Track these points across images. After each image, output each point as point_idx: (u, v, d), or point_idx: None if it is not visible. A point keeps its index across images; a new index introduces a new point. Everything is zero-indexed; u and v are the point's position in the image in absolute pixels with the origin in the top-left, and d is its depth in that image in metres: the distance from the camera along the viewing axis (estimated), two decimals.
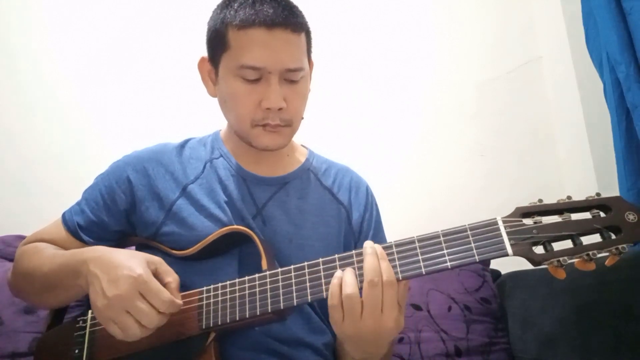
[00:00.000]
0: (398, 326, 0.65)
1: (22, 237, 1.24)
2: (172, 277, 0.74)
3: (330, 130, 1.63)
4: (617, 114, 1.18)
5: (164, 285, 0.72)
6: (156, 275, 0.72)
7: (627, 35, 1.13)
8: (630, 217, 0.62)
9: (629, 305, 0.94)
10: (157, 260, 0.74)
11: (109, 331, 0.69)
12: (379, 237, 0.97)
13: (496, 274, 1.40)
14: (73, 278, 0.75)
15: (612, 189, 1.28)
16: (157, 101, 1.62)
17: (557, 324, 1.09)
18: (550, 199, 0.66)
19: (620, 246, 0.60)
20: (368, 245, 0.67)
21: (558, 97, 1.66)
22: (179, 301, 0.71)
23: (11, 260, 1.06)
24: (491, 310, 1.30)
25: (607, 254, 0.61)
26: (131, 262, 0.70)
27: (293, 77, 0.82)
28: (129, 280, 0.67)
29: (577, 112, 1.55)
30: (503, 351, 1.25)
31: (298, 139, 0.97)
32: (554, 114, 1.68)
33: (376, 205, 1.00)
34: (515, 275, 1.31)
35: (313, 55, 0.91)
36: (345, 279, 0.65)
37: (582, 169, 1.53)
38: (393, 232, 1.00)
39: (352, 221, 0.94)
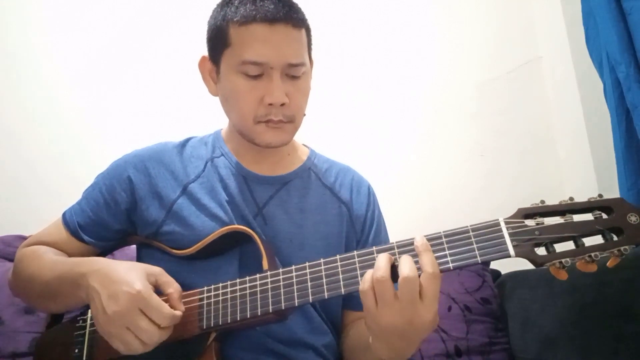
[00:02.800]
0: (435, 321, 0.62)
1: (22, 237, 1.24)
2: (173, 288, 0.73)
3: (331, 130, 1.63)
4: (617, 114, 1.18)
5: (166, 296, 0.72)
6: (157, 286, 0.72)
7: (627, 35, 1.13)
8: (632, 218, 0.62)
9: (629, 305, 0.94)
10: (157, 271, 0.74)
11: (112, 345, 0.69)
12: (381, 236, 0.96)
13: (496, 274, 1.40)
14: (73, 289, 0.75)
15: (612, 189, 1.29)
16: (157, 101, 1.62)
17: (557, 324, 1.09)
18: (550, 199, 0.66)
19: (622, 248, 0.60)
20: (419, 242, 0.64)
21: (558, 97, 1.66)
22: (179, 312, 0.71)
23: (11, 260, 1.06)
24: (491, 310, 1.30)
25: (608, 255, 0.61)
26: (130, 276, 0.69)
27: (295, 73, 0.82)
28: (128, 296, 0.67)
29: (577, 112, 1.55)
30: (503, 351, 1.25)
31: (299, 138, 0.97)
32: (554, 114, 1.68)
33: (378, 204, 1.00)
34: (515, 275, 1.31)
35: (314, 55, 0.91)
36: (377, 264, 0.62)
37: (582, 169, 1.54)
38: (393, 232, 1.00)
39: (353, 220, 0.94)
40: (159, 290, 0.72)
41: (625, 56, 1.12)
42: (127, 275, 0.69)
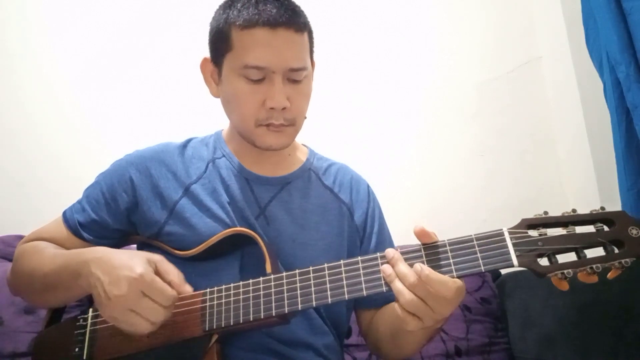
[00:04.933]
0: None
1: (21, 237, 1.23)
2: (173, 275, 0.73)
3: (331, 130, 1.63)
4: (617, 114, 1.18)
5: (167, 283, 0.72)
6: (156, 273, 0.72)
7: (627, 35, 1.13)
8: (634, 232, 0.63)
9: (629, 305, 0.94)
10: (157, 258, 0.74)
11: (118, 327, 0.70)
12: (383, 234, 0.97)
13: (496, 274, 1.40)
14: (74, 279, 0.75)
15: (612, 189, 1.29)
16: (158, 101, 1.62)
17: (557, 324, 1.09)
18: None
19: (623, 260, 0.61)
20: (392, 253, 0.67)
21: (558, 97, 1.66)
22: (189, 288, 0.72)
23: (11, 260, 1.06)
24: (491, 310, 1.30)
25: (609, 266, 0.62)
26: (132, 262, 0.70)
27: (296, 77, 0.82)
28: (130, 280, 0.67)
29: (577, 112, 1.55)
30: (503, 351, 1.26)
31: (299, 138, 0.97)
32: (554, 114, 1.69)
33: (378, 202, 1.00)
34: (515, 275, 1.32)
35: (314, 55, 0.91)
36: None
37: (582, 168, 1.54)
38: (393, 231, 1.01)
39: (354, 220, 0.94)
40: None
41: (625, 56, 1.12)
42: (128, 261, 0.70)
